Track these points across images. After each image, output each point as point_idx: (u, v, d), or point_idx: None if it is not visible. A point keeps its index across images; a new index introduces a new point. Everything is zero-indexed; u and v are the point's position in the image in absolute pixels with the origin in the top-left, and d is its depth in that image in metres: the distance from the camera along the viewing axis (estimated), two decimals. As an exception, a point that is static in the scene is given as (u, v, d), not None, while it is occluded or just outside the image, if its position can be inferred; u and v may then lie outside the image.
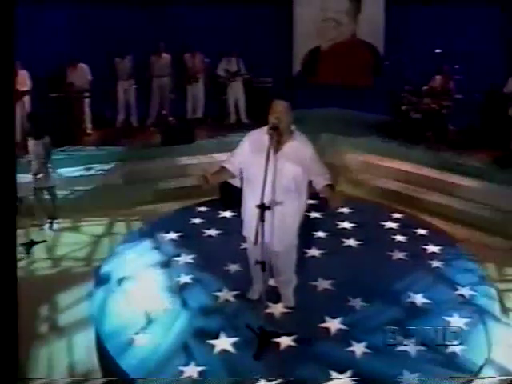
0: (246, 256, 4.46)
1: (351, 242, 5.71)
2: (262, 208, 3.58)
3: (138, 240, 5.84)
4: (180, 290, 4.78)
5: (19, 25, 8.42)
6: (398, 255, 5.38)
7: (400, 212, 6.49)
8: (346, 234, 5.94)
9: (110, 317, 4.40)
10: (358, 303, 4.49)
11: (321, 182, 4.02)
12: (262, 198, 3.59)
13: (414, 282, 4.82)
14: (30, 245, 6.02)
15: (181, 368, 3.75)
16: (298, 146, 3.99)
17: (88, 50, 8.98)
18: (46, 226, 6.56)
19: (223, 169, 4.15)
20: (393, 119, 8.68)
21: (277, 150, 3.91)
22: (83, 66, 8.98)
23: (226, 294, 4.66)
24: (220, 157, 7.01)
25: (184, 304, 4.55)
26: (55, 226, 6.58)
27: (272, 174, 3.84)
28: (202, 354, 3.90)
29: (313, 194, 4.27)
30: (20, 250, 5.60)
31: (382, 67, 9.50)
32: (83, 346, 4.36)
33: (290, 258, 4.33)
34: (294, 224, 4.14)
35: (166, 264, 5.28)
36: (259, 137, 3.98)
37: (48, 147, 6.36)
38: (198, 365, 3.76)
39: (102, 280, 5.00)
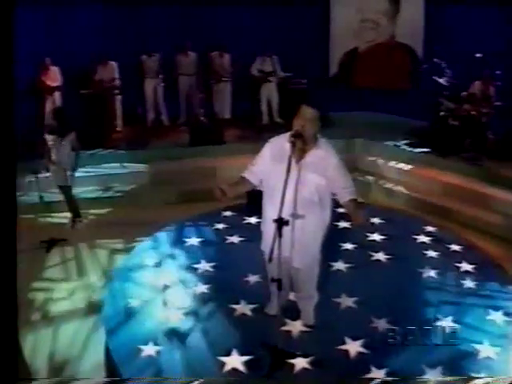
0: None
1: (380, 255, 5.41)
2: (280, 223, 3.30)
3: (157, 244, 5.68)
4: (195, 300, 4.59)
5: (50, 23, 8.59)
6: (429, 273, 5.04)
7: (434, 225, 6.13)
8: (376, 246, 5.64)
9: (119, 323, 4.25)
10: (381, 324, 4.18)
11: (344, 196, 3.73)
12: (281, 211, 3.33)
13: (444, 304, 4.49)
14: (50, 243, 5.96)
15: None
16: (323, 155, 3.71)
17: (117, 48, 8.95)
18: (68, 224, 6.49)
19: (243, 179, 3.88)
20: (430, 125, 8.29)
21: (299, 159, 3.67)
22: (113, 64, 8.95)
23: (244, 308, 4.44)
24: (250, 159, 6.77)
25: (197, 315, 4.36)
26: (78, 225, 6.51)
27: (293, 185, 3.62)
28: (209, 371, 3.69)
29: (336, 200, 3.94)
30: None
31: (419, 70, 9.08)
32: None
33: (312, 275, 4.07)
34: (317, 239, 3.87)
35: (183, 272, 5.11)
36: (281, 144, 3.71)
37: (74, 144, 6.26)
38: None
39: (114, 284, 4.87)
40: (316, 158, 3.69)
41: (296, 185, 3.62)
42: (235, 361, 3.77)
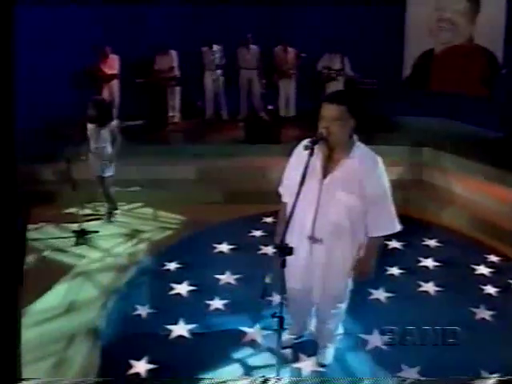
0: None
1: (429, 286, 4.69)
2: (282, 251, 2.65)
3: (184, 247, 5.30)
4: (207, 317, 4.14)
5: (112, 13, 8.45)
6: (484, 314, 4.27)
7: (498, 254, 5.30)
8: (426, 275, 4.92)
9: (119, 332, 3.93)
10: (411, 374, 3.49)
11: (371, 230, 3.06)
12: (283, 237, 2.72)
13: (495, 354, 3.69)
14: (80, 234, 5.72)
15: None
16: (356, 168, 2.93)
17: (179, 38, 8.68)
18: (104, 215, 6.25)
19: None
20: (504, 137, 7.32)
21: (326, 172, 2.99)
22: (172, 53, 8.68)
23: (257, 332, 3.93)
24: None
25: (204, 335, 3.90)
26: (113, 217, 6.25)
27: (314, 205, 3.01)
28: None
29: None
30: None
31: (498, 76, 8.08)
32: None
33: (336, 312, 3.44)
34: (345, 272, 3.18)
35: (202, 281, 4.67)
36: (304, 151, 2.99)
37: (115, 134, 6.00)
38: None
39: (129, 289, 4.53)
40: (348, 170, 2.94)
41: (317, 204, 3.01)
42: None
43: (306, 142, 3.01)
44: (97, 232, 5.85)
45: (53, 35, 8.02)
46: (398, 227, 3.10)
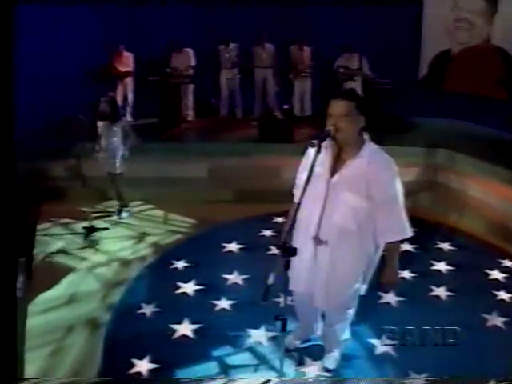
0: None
1: (441, 291, 4.59)
2: (284, 250, 2.57)
3: (192, 246, 5.26)
4: (212, 317, 4.09)
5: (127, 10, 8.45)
6: (496, 320, 4.15)
7: (513, 259, 5.18)
8: (438, 278, 4.82)
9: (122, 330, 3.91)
10: (419, 382, 3.40)
11: (383, 235, 2.93)
12: (287, 237, 2.65)
13: (505, 362, 3.59)
14: (89, 230, 5.71)
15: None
16: (365, 168, 2.82)
17: (194, 36, 8.62)
18: (114, 212, 6.24)
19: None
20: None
21: (334, 171, 2.90)
22: (188, 51, 8.62)
23: (261, 334, 3.86)
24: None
25: (207, 336, 3.86)
26: (124, 214, 6.23)
27: (321, 205, 2.91)
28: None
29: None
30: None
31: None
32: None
33: (344, 316, 3.34)
34: (353, 277, 3.06)
35: (211, 281, 4.62)
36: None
37: (126, 131, 5.99)
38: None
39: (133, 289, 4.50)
40: (356, 170, 2.83)
41: (323, 204, 2.91)
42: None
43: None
44: (106, 229, 5.85)
45: (65, 34, 8.05)
46: (408, 233, 2.96)
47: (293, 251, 2.58)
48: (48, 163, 6.77)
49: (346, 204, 2.87)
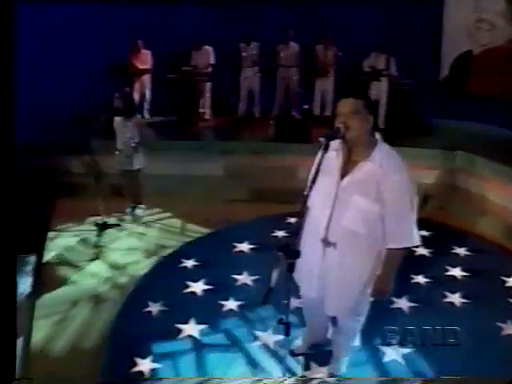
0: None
1: (455, 297, 4.46)
2: (286, 252, 2.50)
3: (206, 244, 5.23)
4: (218, 318, 4.04)
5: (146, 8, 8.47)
6: (511, 330, 4.03)
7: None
8: (454, 285, 4.69)
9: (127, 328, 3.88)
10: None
11: (390, 242, 2.81)
12: (296, 239, 2.59)
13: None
14: (102, 226, 5.71)
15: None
16: (376, 170, 2.71)
17: (216, 33, 8.57)
18: (128, 210, 6.22)
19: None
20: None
21: (344, 173, 2.80)
22: (208, 49, 8.58)
23: (267, 337, 3.80)
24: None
25: (214, 336, 3.81)
26: (138, 212, 6.22)
27: (330, 208, 2.81)
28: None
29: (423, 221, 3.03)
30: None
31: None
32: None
33: (354, 320, 3.23)
34: (362, 283, 2.94)
35: (220, 281, 4.58)
36: (329, 151, 2.76)
37: (138, 127, 5.97)
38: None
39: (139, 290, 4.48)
40: (367, 173, 2.73)
41: (332, 207, 2.81)
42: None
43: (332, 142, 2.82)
44: (119, 225, 5.85)
45: (82, 31, 8.09)
46: (415, 242, 2.83)
47: (295, 253, 2.51)
48: (63, 159, 6.81)
49: (355, 207, 2.78)
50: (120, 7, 8.25)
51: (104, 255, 5.20)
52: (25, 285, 4.31)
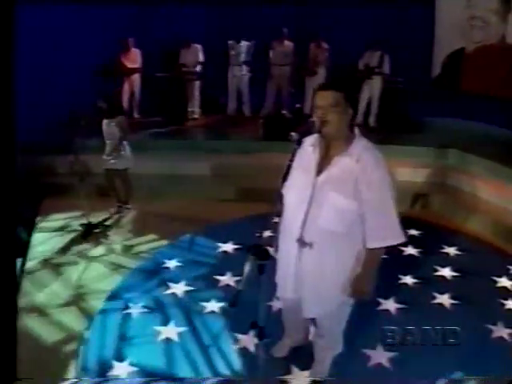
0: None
1: (444, 298, 4.33)
2: (255, 252, 2.39)
3: (188, 245, 5.08)
4: (199, 319, 3.91)
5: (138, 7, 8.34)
6: (502, 332, 3.89)
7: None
8: (443, 285, 4.56)
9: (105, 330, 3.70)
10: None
11: (374, 241, 2.67)
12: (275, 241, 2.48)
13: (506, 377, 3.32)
14: (88, 227, 5.56)
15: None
16: (353, 166, 2.57)
17: (204, 31, 8.46)
18: (113, 209, 6.09)
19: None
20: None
21: (321, 168, 2.65)
22: (196, 47, 8.44)
23: (248, 340, 3.65)
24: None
25: (192, 339, 3.68)
26: (124, 211, 6.09)
27: (306, 205, 2.66)
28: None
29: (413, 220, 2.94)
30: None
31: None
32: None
33: (335, 323, 3.08)
34: (341, 285, 2.79)
35: (202, 282, 4.44)
36: (305, 146, 2.70)
37: (122, 127, 5.84)
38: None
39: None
40: (343, 168, 2.58)
41: (308, 204, 2.65)
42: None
43: (310, 137, 2.72)
44: (105, 225, 5.72)
45: (72, 31, 7.94)
46: (401, 238, 2.68)
47: (264, 254, 2.37)
48: (49, 159, 6.68)
49: (332, 205, 2.62)
50: (110, 7, 8.11)
51: (88, 256, 5.05)
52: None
